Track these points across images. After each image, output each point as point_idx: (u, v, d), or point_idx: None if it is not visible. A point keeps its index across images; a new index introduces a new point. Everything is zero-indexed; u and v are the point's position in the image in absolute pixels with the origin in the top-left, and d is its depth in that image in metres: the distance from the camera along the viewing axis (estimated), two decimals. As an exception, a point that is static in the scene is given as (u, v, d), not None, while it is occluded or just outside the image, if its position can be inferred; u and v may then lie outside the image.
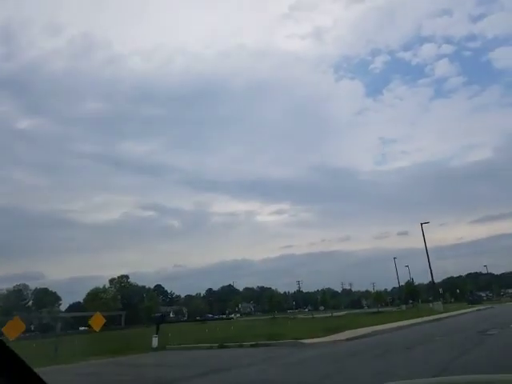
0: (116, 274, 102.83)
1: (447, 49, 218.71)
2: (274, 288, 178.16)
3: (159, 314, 28.14)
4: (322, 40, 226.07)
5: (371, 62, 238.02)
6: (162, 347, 19.92)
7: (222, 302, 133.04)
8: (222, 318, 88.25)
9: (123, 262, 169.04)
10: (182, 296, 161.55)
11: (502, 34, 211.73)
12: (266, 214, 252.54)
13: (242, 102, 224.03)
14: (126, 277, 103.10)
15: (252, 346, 18.19)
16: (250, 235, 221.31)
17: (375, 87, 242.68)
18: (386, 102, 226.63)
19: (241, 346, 18.41)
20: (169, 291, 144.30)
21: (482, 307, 51.70)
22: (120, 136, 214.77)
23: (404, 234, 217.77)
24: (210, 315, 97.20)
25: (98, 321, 19.73)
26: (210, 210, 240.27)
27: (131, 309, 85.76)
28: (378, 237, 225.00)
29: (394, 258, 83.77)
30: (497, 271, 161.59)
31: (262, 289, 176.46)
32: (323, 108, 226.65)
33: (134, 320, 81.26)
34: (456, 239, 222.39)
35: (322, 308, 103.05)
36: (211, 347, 18.88)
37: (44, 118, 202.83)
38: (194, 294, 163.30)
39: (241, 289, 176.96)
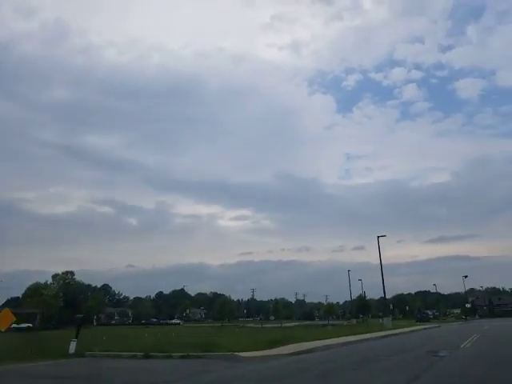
0: (63, 269, 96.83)
1: (416, 74, 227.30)
2: (227, 295, 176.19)
3: (80, 316, 25.22)
4: (300, 53, 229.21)
5: (344, 79, 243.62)
6: (79, 354, 17.33)
7: (171, 307, 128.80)
8: (168, 323, 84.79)
9: (72, 258, 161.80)
10: (132, 298, 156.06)
11: (467, 65, 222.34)
12: (228, 218, 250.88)
13: (214, 104, 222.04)
14: (71, 273, 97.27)
15: (182, 357, 16.02)
16: (210, 239, 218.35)
17: (346, 104, 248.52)
18: (355, 119, 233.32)
19: (169, 357, 16.18)
20: (117, 291, 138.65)
21: (429, 325, 51.63)
22: (85, 127, 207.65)
23: (360, 248, 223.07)
24: (155, 319, 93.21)
25: (5, 318, 16.89)
26: (171, 211, 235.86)
27: (72, 308, 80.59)
28: (336, 249, 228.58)
29: (348, 271, 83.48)
30: (444, 291, 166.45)
31: (215, 295, 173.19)
32: (294, 119, 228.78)
33: (73, 320, 76.29)
34: (410, 257, 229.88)
35: (272, 318, 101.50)
36: (135, 356, 16.51)
37: (7, 102, 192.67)
38: (144, 296, 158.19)
39: (193, 293, 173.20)
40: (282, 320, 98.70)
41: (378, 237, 44.28)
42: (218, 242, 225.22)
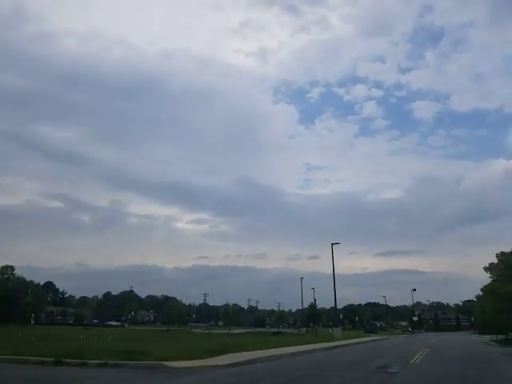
0: (6, 264, 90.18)
1: (376, 92, 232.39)
2: (178, 298, 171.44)
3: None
4: (266, 61, 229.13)
5: (308, 91, 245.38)
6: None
7: (119, 308, 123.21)
8: (112, 325, 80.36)
9: (17, 253, 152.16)
10: (77, 297, 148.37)
11: (424, 88, 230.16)
12: (185, 221, 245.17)
13: (178, 105, 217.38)
14: (11, 268, 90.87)
15: (99, 365, 13.66)
16: (165, 241, 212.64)
17: (309, 115, 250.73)
18: (317, 131, 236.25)
19: (83, 365, 13.75)
20: (61, 290, 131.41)
21: (377, 337, 51.15)
22: (37, 117, 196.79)
23: (315, 258, 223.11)
24: (97, 321, 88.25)
25: None
26: (126, 210, 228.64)
27: (8, 304, 74.76)
28: (291, 258, 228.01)
29: (301, 279, 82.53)
30: (392, 303, 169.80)
31: (167, 298, 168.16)
32: (258, 126, 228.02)
33: (9, 318, 70.58)
34: (361, 269, 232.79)
35: (220, 324, 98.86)
36: (43, 363, 13.97)
37: None
38: (91, 296, 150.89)
39: (144, 296, 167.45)
40: (232, 326, 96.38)
41: (332, 244, 43.36)
42: (174, 245, 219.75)
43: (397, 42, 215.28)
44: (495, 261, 41.64)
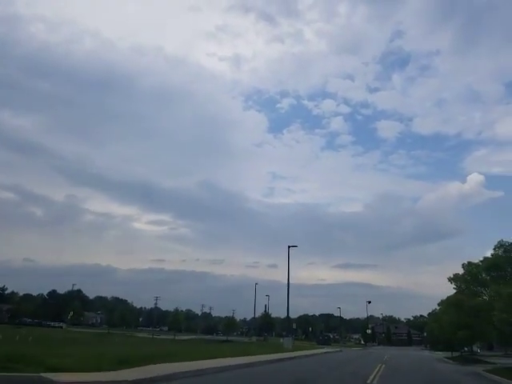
0: None
1: (344, 109, 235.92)
2: (130, 301, 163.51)
3: None
4: (239, 67, 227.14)
5: (279, 101, 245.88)
6: None
7: (63, 308, 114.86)
8: (50, 326, 73.68)
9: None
10: (21, 294, 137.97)
11: (389, 109, 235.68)
12: (145, 222, 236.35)
13: (146, 103, 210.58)
14: None
15: None
16: (122, 241, 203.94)
17: (277, 125, 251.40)
18: (284, 141, 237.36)
19: None
20: (1, 285, 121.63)
21: (330, 349, 48.15)
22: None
23: (274, 266, 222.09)
24: (30, 320, 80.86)
25: None
26: (83, 206, 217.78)
27: None
28: (250, 265, 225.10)
29: (256, 284, 79.21)
30: (346, 316, 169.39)
31: (117, 300, 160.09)
32: (227, 131, 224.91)
33: None
34: (319, 280, 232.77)
35: (164, 329, 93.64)
36: None
37: None
38: (36, 293, 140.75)
39: (93, 296, 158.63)
40: (182, 332, 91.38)
41: (289, 246, 40.10)
42: (131, 246, 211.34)
43: (367, 62, 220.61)
44: (452, 275, 39.45)
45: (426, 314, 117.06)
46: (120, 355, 17.03)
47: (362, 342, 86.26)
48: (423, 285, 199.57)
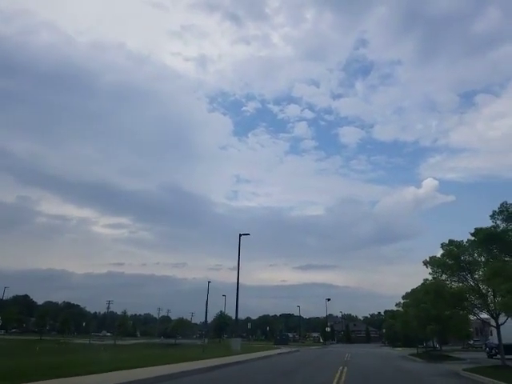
0: None
1: (308, 114, 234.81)
2: (83, 306, 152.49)
3: None
4: (205, 68, 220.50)
5: (244, 104, 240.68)
6: None
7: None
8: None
9: None
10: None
11: (351, 115, 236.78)
12: (103, 225, 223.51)
13: (106, 101, 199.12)
14: None
15: None
16: (78, 245, 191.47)
17: (242, 128, 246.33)
18: (249, 144, 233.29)
19: None
20: None
21: (287, 349, 42.98)
22: None
23: (236, 269, 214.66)
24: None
25: None
26: (36, 208, 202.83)
27: None
28: (213, 268, 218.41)
29: (208, 282, 72.72)
30: (307, 315, 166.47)
31: (69, 305, 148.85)
32: (190, 133, 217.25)
33: None
34: (280, 281, 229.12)
35: (107, 334, 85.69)
36: None
37: None
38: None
39: (42, 301, 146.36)
40: (137, 337, 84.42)
41: (240, 235, 34.76)
42: (87, 249, 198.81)
43: (332, 69, 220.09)
44: (428, 258, 35.10)
45: (382, 312, 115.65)
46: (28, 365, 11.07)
47: (322, 341, 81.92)
48: (380, 284, 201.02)
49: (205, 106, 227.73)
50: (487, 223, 20.07)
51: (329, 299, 76.83)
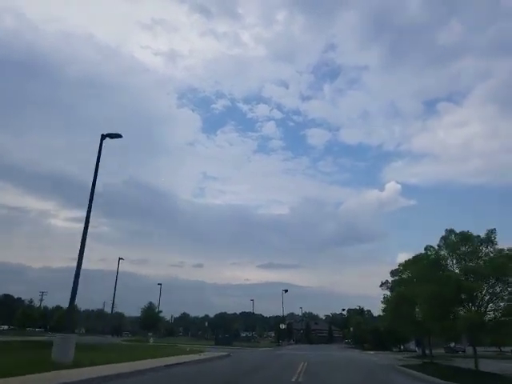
0: None
1: (277, 114, 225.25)
2: (33, 301, 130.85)
3: None
4: (175, 63, 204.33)
5: (214, 101, 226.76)
6: None
7: None
8: None
9: None
10: None
11: (318, 117, 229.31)
12: (63, 218, 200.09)
13: (72, 92, 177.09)
14: None
15: None
16: (37, 238, 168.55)
17: (211, 125, 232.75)
18: (218, 142, 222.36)
19: None
20: None
21: (212, 354, 26.75)
22: None
23: (200, 266, 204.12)
24: None
25: None
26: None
27: None
28: (176, 265, 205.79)
29: (159, 285, 56.48)
30: (268, 314, 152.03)
31: (11, 299, 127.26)
32: (158, 127, 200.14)
33: None
34: (243, 280, 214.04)
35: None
36: None
37: None
38: None
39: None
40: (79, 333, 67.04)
41: (104, 136, 18.90)
42: (46, 243, 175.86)
43: (301, 71, 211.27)
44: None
45: (344, 312, 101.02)
46: None
47: (276, 341, 65.79)
48: (342, 284, 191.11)
49: (174, 101, 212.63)
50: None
51: (286, 290, 61.53)
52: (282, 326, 64.75)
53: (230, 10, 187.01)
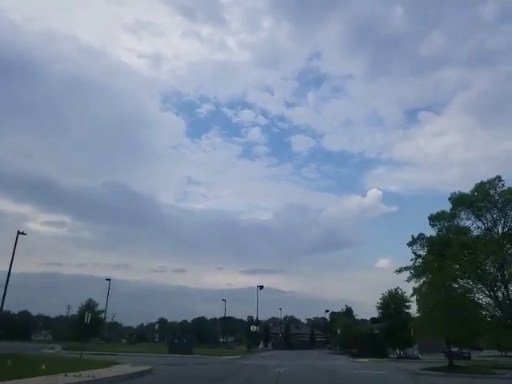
0: None
1: (262, 120, 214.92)
2: (6, 307, 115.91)
3: None
4: (159, 67, 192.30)
5: (198, 106, 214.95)
6: None
7: None
8: None
9: None
10: None
11: (303, 124, 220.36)
12: (40, 222, 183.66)
13: (53, 93, 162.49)
14: None
15: None
16: (12, 242, 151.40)
17: (196, 130, 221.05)
18: (202, 146, 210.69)
19: None
20: None
21: (134, 369, 15.64)
22: None
23: (181, 271, 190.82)
24: None
25: None
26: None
27: None
28: (157, 270, 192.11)
29: (108, 280, 44.86)
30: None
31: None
32: (141, 131, 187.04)
33: None
34: (226, 284, 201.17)
35: None
36: None
37: None
38: None
39: None
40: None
41: None
42: (23, 248, 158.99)
43: (286, 77, 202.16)
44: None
45: (327, 316, 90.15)
46: None
47: (248, 346, 53.51)
48: (324, 289, 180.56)
49: (158, 104, 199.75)
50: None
51: (261, 287, 50.44)
52: (254, 329, 53.19)
53: (215, 15, 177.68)
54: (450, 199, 25.56)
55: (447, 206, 25.70)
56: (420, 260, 24.19)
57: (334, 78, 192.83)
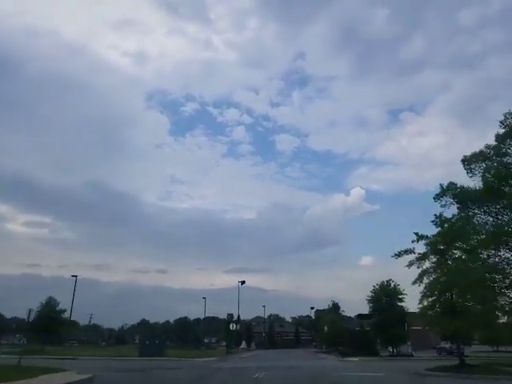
0: None
1: (246, 119, 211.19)
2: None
3: None
4: (143, 65, 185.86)
5: (183, 104, 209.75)
6: None
7: None
8: None
9: None
10: None
11: (287, 124, 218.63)
12: (20, 223, 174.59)
13: (32, 90, 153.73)
14: None
15: None
16: None
17: (180, 128, 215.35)
18: (186, 145, 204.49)
19: None
20: None
21: (77, 377, 11.83)
22: None
23: (164, 271, 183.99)
24: None
25: None
26: None
27: None
28: (139, 270, 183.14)
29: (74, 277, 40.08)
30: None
31: None
32: (124, 129, 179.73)
33: None
34: (209, 284, 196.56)
35: None
36: None
37: None
38: None
39: None
40: None
41: None
42: (1, 249, 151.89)
43: (271, 77, 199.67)
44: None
45: (312, 313, 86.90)
46: None
47: (227, 347, 49.27)
48: (308, 288, 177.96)
49: (141, 102, 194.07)
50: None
51: (243, 282, 46.80)
52: (233, 327, 49.34)
53: (201, 14, 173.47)
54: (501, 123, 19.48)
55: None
56: (445, 224, 19.69)
57: (319, 79, 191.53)
